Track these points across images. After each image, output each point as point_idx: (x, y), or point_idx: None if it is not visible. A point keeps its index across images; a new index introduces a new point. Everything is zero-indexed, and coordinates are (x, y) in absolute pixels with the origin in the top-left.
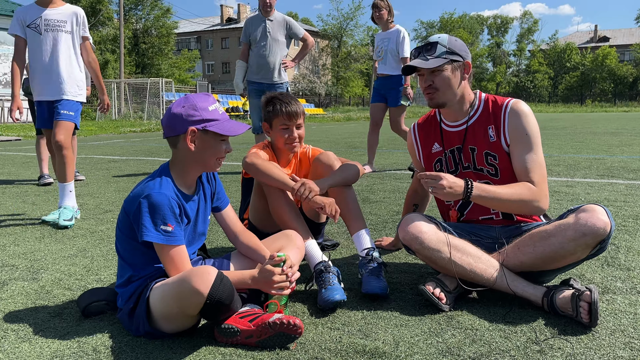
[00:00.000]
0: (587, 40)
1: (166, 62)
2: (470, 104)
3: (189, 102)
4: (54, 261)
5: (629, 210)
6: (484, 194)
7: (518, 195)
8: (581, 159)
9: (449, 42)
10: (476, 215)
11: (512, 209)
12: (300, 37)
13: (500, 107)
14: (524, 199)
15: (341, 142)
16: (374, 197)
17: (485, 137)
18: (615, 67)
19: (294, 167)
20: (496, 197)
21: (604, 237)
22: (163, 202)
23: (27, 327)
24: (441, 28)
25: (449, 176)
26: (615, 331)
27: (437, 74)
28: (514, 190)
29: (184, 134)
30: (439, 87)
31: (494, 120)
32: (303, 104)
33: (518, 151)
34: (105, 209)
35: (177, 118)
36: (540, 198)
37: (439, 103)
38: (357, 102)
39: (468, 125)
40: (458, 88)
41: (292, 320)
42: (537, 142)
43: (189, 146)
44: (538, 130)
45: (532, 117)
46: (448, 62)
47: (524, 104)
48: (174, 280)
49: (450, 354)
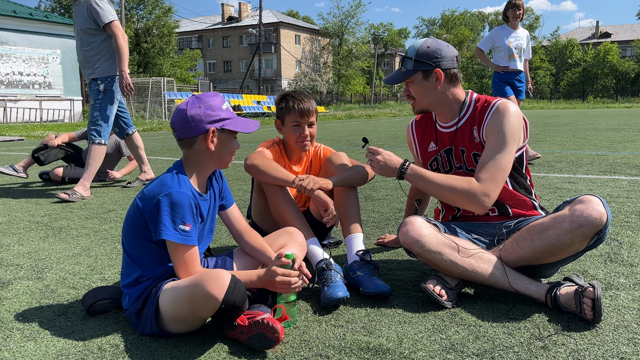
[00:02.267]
0: (589, 36)
1: (168, 62)
2: (461, 105)
3: (204, 103)
4: (58, 260)
5: (631, 207)
6: (418, 174)
7: (451, 184)
8: (583, 155)
9: (419, 50)
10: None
11: (444, 197)
12: (101, 25)
13: (487, 107)
14: (457, 189)
15: (343, 140)
16: (377, 195)
17: (471, 138)
18: (617, 63)
19: (305, 165)
20: (428, 180)
21: (601, 228)
22: (184, 202)
23: (32, 326)
24: (442, 25)
25: (386, 153)
26: (619, 327)
27: (410, 84)
28: (450, 180)
29: (203, 134)
30: (415, 95)
31: (479, 120)
32: None
33: (486, 147)
34: (109, 207)
35: (195, 119)
36: (477, 194)
37: (419, 110)
38: (359, 100)
39: (457, 127)
40: (434, 94)
41: (273, 322)
42: (507, 143)
43: (209, 146)
44: (515, 132)
45: (514, 118)
46: (415, 73)
47: (512, 105)
48: (186, 284)
49: (454, 350)
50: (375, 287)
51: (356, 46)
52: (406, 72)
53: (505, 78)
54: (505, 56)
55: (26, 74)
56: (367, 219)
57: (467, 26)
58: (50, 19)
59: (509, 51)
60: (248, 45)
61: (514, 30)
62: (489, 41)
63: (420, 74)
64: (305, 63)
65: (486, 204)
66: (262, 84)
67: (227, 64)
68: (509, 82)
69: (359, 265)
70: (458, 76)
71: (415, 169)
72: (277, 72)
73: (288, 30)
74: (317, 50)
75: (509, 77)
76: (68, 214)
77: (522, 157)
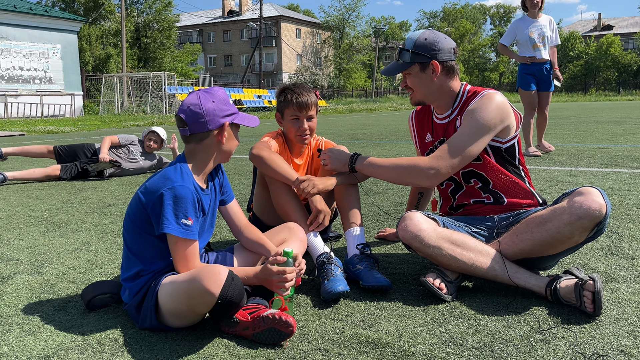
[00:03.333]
0: (591, 29)
1: (168, 56)
2: (455, 97)
3: (216, 97)
4: (58, 255)
5: (632, 199)
6: (367, 162)
7: (397, 163)
8: (585, 148)
9: (416, 42)
10: (467, 199)
11: (394, 178)
12: None
13: (474, 97)
14: (402, 166)
15: (344, 134)
16: (377, 189)
17: (456, 129)
18: (619, 55)
19: (307, 158)
20: (377, 165)
21: (600, 219)
22: (187, 196)
23: (32, 320)
24: (443, 18)
25: (336, 149)
26: (619, 320)
27: (408, 75)
28: (397, 160)
29: (218, 129)
30: (412, 87)
31: (465, 110)
32: None
33: (457, 130)
34: (109, 202)
35: (210, 113)
36: (422, 167)
37: (416, 101)
38: (360, 94)
39: (450, 119)
40: (431, 86)
41: (285, 317)
42: (477, 128)
43: (221, 140)
44: (489, 121)
45: (493, 107)
46: (412, 65)
47: (499, 95)
48: (184, 279)
49: (454, 343)
50: (375, 281)
51: (357, 40)
52: (403, 64)
53: (531, 70)
54: (528, 47)
55: (27, 69)
56: (367, 212)
57: (468, 19)
58: (50, 13)
59: (531, 41)
60: (249, 39)
61: (534, 19)
62: (510, 35)
63: (417, 66)
64: (306, 57)
65: (431, 177)
66: (263, 78)
67: (227, 58)
68: (535, 74)
69: (358, 259)
70: (455, 68)
71: (363, 158)
72: (277, 66)
73: (289, 24)
74: (318, 44)
75: (535, 68)
76: (68, 209)
77: (513, 148)
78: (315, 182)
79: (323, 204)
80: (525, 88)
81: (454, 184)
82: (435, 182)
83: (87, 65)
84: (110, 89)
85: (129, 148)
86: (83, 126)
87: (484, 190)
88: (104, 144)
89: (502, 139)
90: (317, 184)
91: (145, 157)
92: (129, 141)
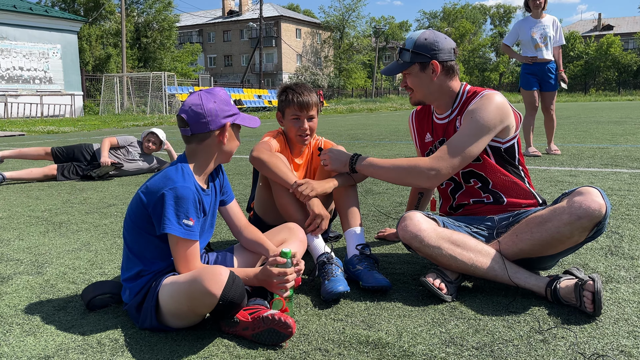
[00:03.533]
0: (591, 29)
1: (168, 56)
2: (454, 97)
3: (218, 97)
4: (58, 255)
5: (632, 199)
6: (367, 162)
7: (398, 164)
8: (585, 148)
9: (416, 42)
10: (467, 198)
11: (395, 179)
12: None
13: (474, 97)
14: (403, 167)
15: (344, 134)
16: (377, 189)
17: (456, 129)
18: (619, 55)
19: (306, 158)
20: (377, 165)
21: (600, 219)
22: (188, 196)
23: (32, 320)
24: (444, 18)
25: (336, 149)
26: (619, 320)
27: (408, 75)
28: (398, 161)
29: (219, 129)
30: (412, 86)
31: (464, 111)
32: None
33: (457, 130)
34: (109, 202)
35: (212, 113)
36: (423, 168)
37: (416, 101)
38: (360, 94)
39: (449, 119)
40: (431, 86)
41: (284, 318)
42: (476, 129)
43: (223, 140)
44: (489, 121)
45: (493, 108)
46: (412, 64)
47: (498, 95)
48: (185, 280)
49: (454, 344)
50: (374, 281)
51: (357, 40)
52: (403, 64)
53: (533, 70)
54: (530, 47)
55: (27, 69)
56: (367, 212)
57: (468, 19)
58: (50, 13)
59: (532, 42)
60: (249, 39)
61: (537, 19)
62: (513, 35)
63: (417, 66)
64: (306, 57)
65: (432, 178)
66: (263, 78)
67: (227, 58)
68: (537, 74)
69: (358, 259)
70: (455, 68)
71: (364, 158)
72: (278, 66)
73: (289, 24)
74: (318, 44)
75: (538, 68)
76: (68, 209)
77: (512, 148)
78: (314, 185)
79: (321, 207)
80: (527, 88)
81: (454, 183)
82: (435, 182)
83: (87, 65)
84: (110, 89)
85: (127, 149)
86: (83, 126)
87: (484, 190)
88: (104, 146)
89: (501, 139)
90: (315, 187)
91: (144, 158)
92: (127, 142)
